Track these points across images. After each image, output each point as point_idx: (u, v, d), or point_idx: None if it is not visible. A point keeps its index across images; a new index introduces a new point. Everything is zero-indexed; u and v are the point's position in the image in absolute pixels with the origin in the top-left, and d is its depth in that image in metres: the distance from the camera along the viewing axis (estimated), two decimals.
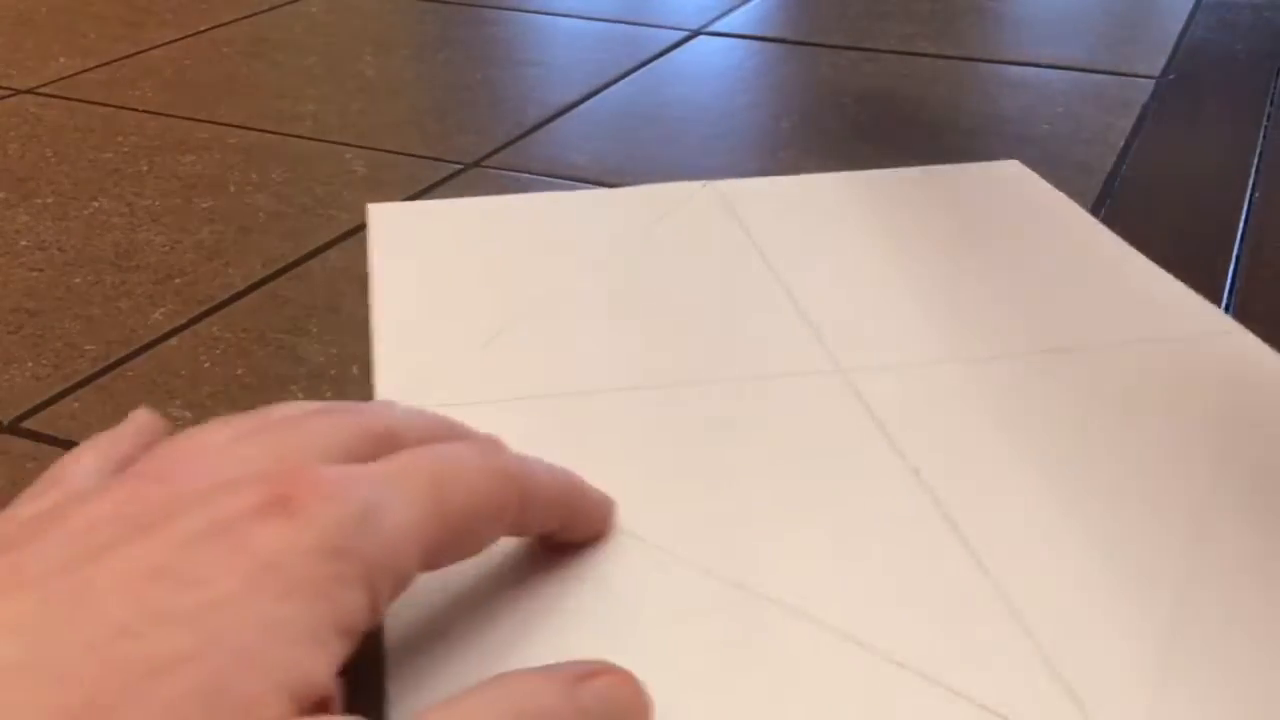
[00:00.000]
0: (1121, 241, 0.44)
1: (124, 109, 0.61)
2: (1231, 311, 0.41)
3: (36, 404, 0.37)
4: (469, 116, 0.60)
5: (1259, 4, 0.79)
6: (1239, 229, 0.48)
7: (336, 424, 0.24)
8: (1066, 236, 0.39)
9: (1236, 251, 0.46)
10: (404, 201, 0.50)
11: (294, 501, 0.21)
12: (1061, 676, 0.25)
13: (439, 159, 0.55)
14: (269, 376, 0.38)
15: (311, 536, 0.20)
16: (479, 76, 0.67)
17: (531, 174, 0.53)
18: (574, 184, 0.52)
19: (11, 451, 0.34)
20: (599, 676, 0.22)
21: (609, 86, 0.65)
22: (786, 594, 0.27)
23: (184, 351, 0.39)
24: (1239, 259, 0.46)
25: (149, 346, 0.40)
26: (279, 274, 0.44)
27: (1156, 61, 0.68)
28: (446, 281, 0.41)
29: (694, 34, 0.74)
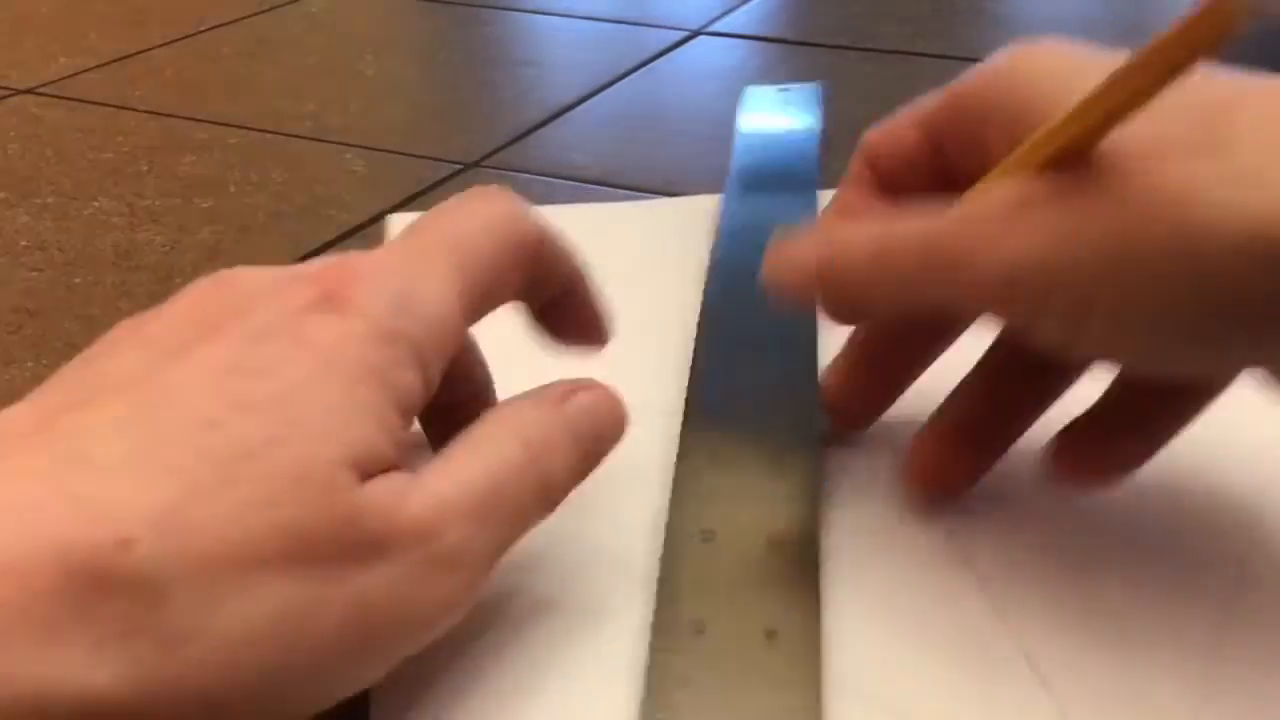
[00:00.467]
0: None
1: (124, 109, 0.61)
2: None
3: None
4: (469, 116, 0.60)
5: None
6: None
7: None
8: None
9: None
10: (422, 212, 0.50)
11: (339, 295, 0.23)
12: None
13: (439, 159, 0.55)
14: None
15: (363, 326, 0.22)
16: (479, 76, 0.67)
17: (531, 174, 0.53)
18: (574, 184, 0.52)
19: None
20: (579, 392, 0.26)
21: (609, 86, 0.65)
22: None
23: None
24: None
25: None
26: None
27: None
28: None
29: (694, 34, 0.74)
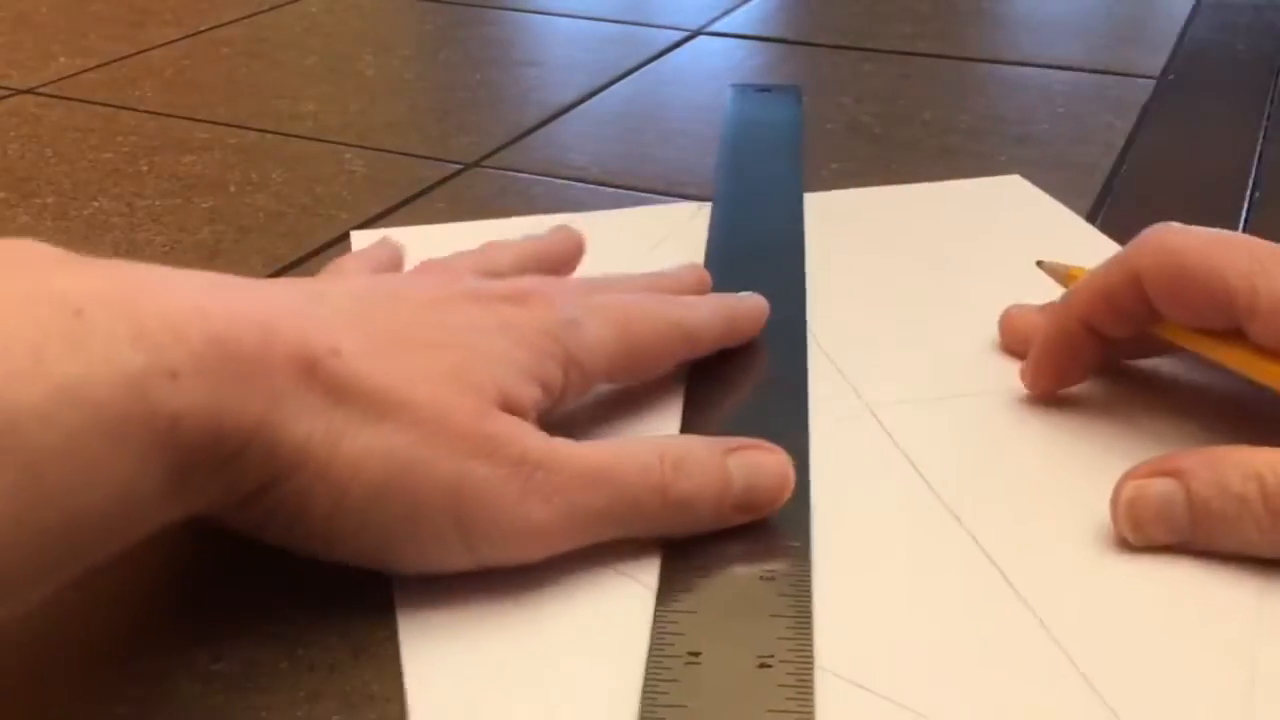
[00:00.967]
0: None
1: (124, 109, 0.61)
2: None
3: None
4: (469, 116, 0.60)
5: (1259, 4, 0.79)
6: (1239, 229, 0.48)
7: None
8: (1072, 256, 0.38)
9: None
10: (387, 228, 0.50)
11: (529, 299, 0.31)
12: None
13: (439, 159, 0.55)
14: None
15: (537, 320, 0.31)
16: (479, 76, 0.67)
17: (531, 174, 0.53)
18: (574, 184, 0.52)
19: None
20: (752, 449, 0.29)
21: (609, 86, 0.65)
22: (831, 657, 0.26)
23: None
24: None
25: None
26: (279, 274, 0.44)
27: (1156, 61, 0.68)
28: None
29: (694, 34, 0.74)
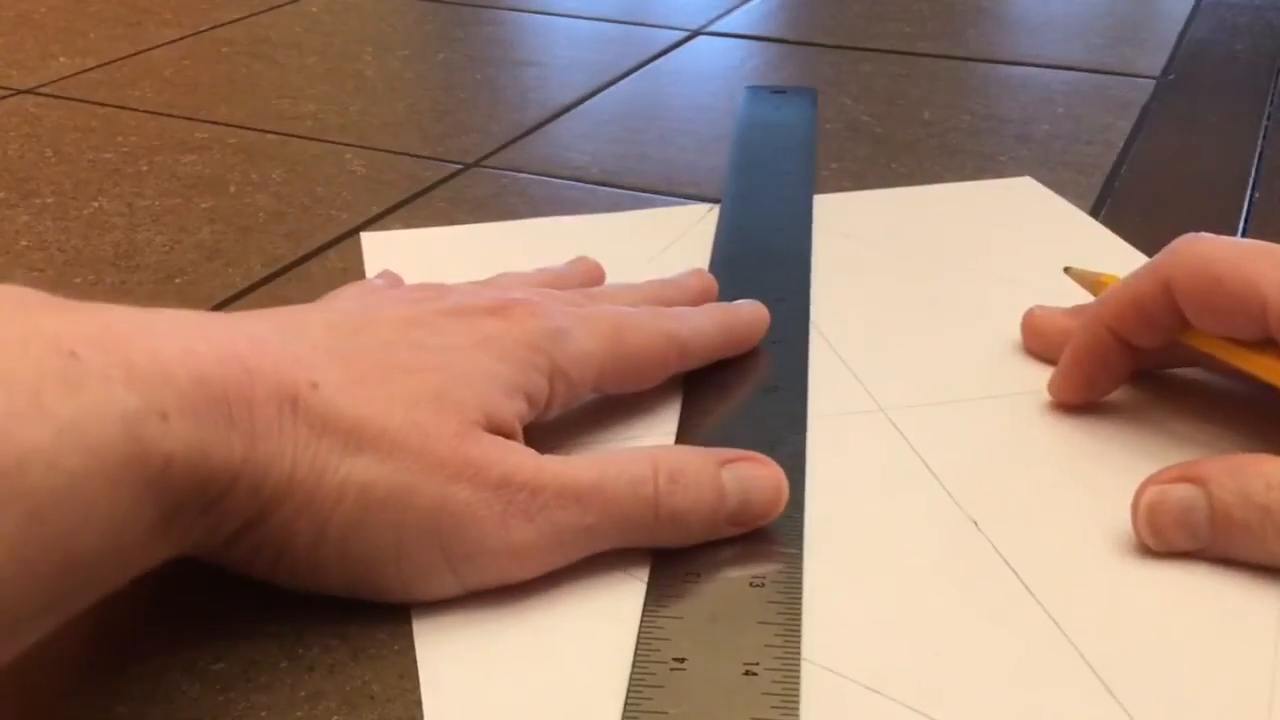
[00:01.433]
0: (1142, 258, 0.43)
1: (124, 109, 0.61)
2: None
3: None
4: (469, 116, 0.60)
5: (1259, 4, 0.79)
6: (1239, 229, 0.48)
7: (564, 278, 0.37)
8: (1087, 259, 0.38)
9: None
10: (397, 230, 0.50)
11: (512, 311, 0.30)
12: None
13: (439, 159, 0.55)
14: None
15: (519, 332, 0.30)
16: (479, 76, 0.67)
17: (531, 174, 0.53)
18: (574, 184, 0.52)
19: None
20: (745, 461, 0.29)
21: (609, 86, 0.65)
22: (843, 663, 0.26)
23: None
24: None
25: None
26: (279, 274, 0.44)
27: (1156, 61, 0.68)
28: None
29: (694, 34, 0.74)
